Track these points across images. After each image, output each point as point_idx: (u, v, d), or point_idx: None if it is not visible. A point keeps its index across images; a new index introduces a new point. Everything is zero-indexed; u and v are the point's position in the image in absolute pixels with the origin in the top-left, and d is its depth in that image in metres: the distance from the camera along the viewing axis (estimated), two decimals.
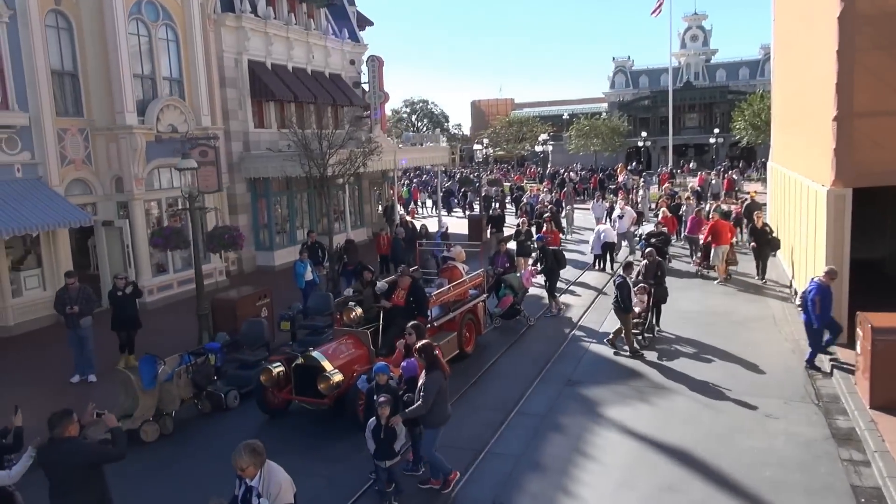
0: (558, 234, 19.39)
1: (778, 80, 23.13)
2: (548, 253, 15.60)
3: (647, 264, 14.16)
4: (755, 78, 75.49)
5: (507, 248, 15.95)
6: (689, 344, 13.29)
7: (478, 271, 13.69)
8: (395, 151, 24.87)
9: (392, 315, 10.88)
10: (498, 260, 15.49)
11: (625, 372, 12.03)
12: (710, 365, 12.09)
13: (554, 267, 15.55)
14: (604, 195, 29.95)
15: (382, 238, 20.58)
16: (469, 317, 12.77)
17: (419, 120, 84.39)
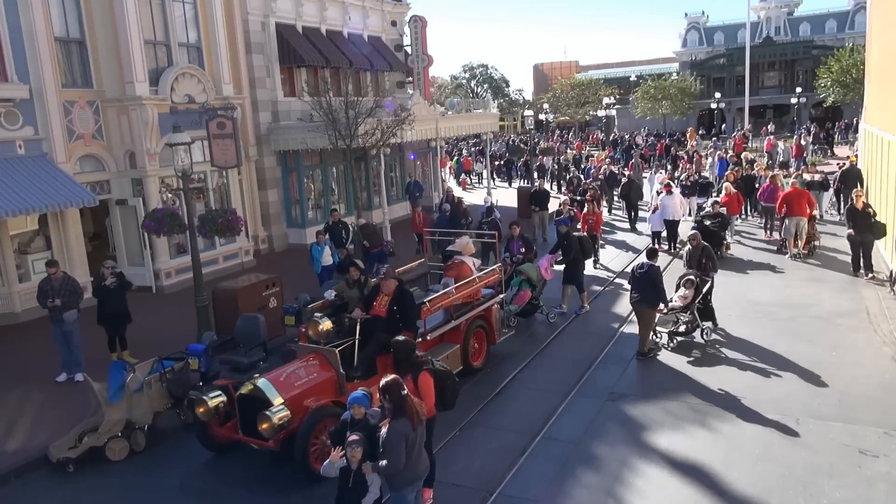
0: (601, 215, 16.88)
1: (877, 28, 19.86)
2: (571, 240, 13.07)
3: (691, 250, 12.08)
4: (843, 31, 69.14)
5: (521, 233, 13.78)
6: (760, 347, 11.08)
7: (492, 266, 11.41)
8: (436, 119, 22.99)
9: (371, 328, 8.66)
10: (513, 247, 13.33)
11: (681, 383, 10.02)
12: (786, 377, 9.91)
13: (579, 257, 13.19)
14: (667, 165, 27.13)
15: (418, 215, 18.89)
16: (479, 323, 10.55)
17: (479, 85, 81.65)
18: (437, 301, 9.49)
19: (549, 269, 12.94)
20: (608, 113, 51.90)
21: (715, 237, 14.95)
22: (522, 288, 12.34)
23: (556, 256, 13.17)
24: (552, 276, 13.17)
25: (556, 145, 41.35)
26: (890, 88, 16.02)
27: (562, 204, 16.62)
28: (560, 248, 13.23)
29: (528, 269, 12.51)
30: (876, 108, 18.73)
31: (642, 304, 10.81)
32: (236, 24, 19.46)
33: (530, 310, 12.62)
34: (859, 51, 47.68)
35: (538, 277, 12.54)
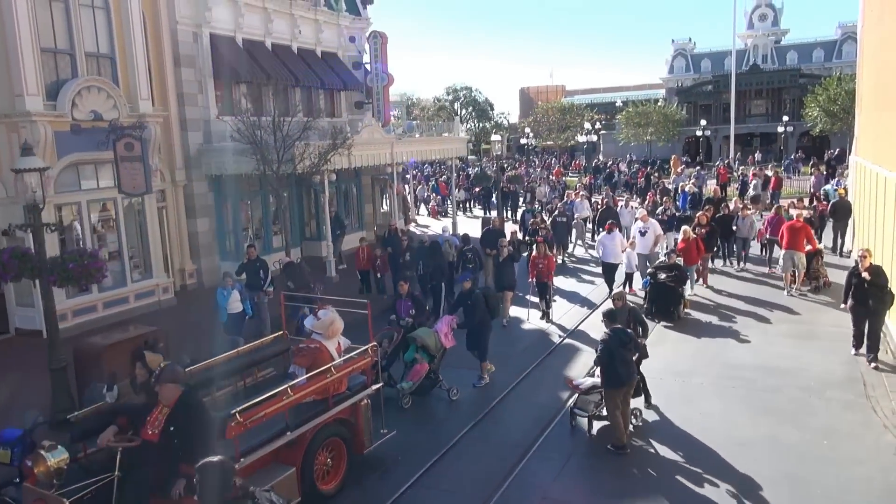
0: (552, 260, 14.59)
1: (870, 52, 18.17)
2: (476, 299, 10.69)
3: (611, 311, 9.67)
4: (831, 60, 68.31)
5: (412, 291, 11.43)
6: (734, 432, 9.00)
7: (362, 347, 8.22)
8: (391, 143, 21.04)
9: (138, 460, 5.90)
10: (401, 307, 10.93)
11: (635, 487, 7.92)
12: (765, 480, 7.80)
13: (485, 319, 10.88)
14: (645, 196, 25.10)
15: (362, 251, 16.79)
16: (333, 430, 7.59)
17: (463, 107, 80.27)
18: (257, 411, 6.54)
19: (450, 333, 10.44)
20: (590, 138, 50.21)
21: (672, 294, 12.99)
22: (416, 359, 10.05)
23: (457, 318, 10.80)
24: (453, 343, 10.60)
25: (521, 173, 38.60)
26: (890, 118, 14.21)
27: (500, 245, 14.31)
28: (462, 307, 10.90)
29: (424, 335, 10.14)
30: (871, 139, 16.90)
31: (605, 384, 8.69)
32: (163, 33, 17.49)
33: (428, 385, 10.22)
34: (847, 80, 46.66)
35: (436, 345, 10.17)
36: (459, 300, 11.14)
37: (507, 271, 13.94)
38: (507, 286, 13.91)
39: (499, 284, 13.89)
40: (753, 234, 18.08)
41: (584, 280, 18.22)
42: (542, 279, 13.90)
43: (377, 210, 26.89)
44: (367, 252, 16.58)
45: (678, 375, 11.04)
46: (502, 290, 13.83)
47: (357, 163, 19.68)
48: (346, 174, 23.07)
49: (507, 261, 13.88)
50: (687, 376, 11.01)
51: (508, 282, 13.93)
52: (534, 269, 14.06)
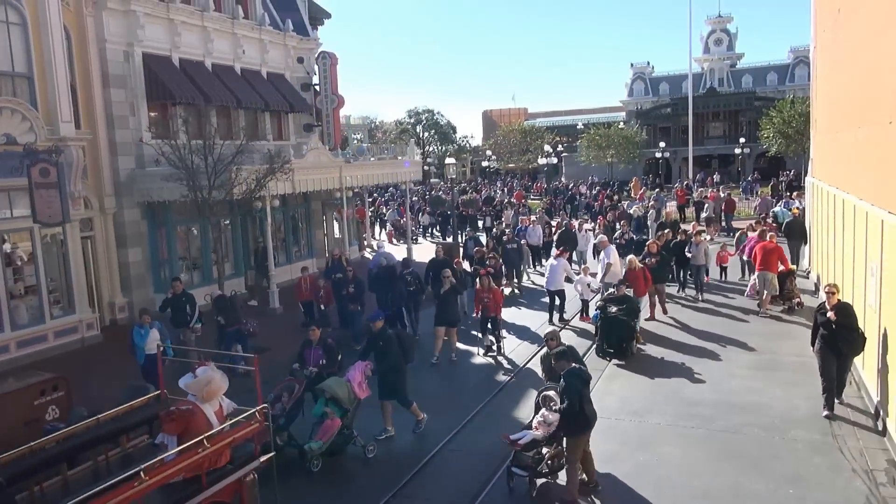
0: (500, 294, 13.57)
1: (823, 74, 17.96)
2: (388, 340, 9.52)
3: (547, 356, 8.77)
4: (784, 84, 69.96)
5: (324, 336, 10.18)
6: (693, 482, 8.20)
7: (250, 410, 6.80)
8: (340, 167, 20.15)
9: None
10: (309, 355, 9.70)
11: None
12: None
13: (399, 363, 9.62)
14: (607, 218, 24.47)
15: (304, 281, 15.77)
16: None
17: (425, 130, 79.99)
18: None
19: (364, 382, 9.21)
20: (551, 161, 50.08)
21: (624, 328, 11.99)
22: (326, 414, 8.83)
23: (371, 364, 9.55)
24: (368, 393, 9.32)
25: (478, 196, 37.85)
26: (846, 140, 13.84)
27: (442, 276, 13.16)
28: (373, 352, 9.73)
29: (335, 385, 8.88)
30: (827, 161, 16.58)
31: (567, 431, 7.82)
32: (90, 52, 16.42)
33: (341, 443, 8.97)
34: (799, 102, 47.50)
35: (349, 396, 8.94)
36: (370, 343, 9.80)
37: (448, 305, 12.97)
38: (449, 321, 12.90)
39: (439, 319, 12.93)
40: (709, 260, 17.41)
41: (537, 310, 17.42)
42: (489, 314, 13.03)
43: (331, 236, 25.94)
44: (310, 282, 15.58)
45: (634, 415, 10.26)
46: (443, 324, 12.86)
47: (302, 188, 18.79)
48: (294, 199, 22.16)
49: (448, 294, 12.96)
50: (643, 416, 10.24)
51: (450, 317, 12.96)
52: (478, 303, 13.17)
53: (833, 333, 9.56)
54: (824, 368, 9.77)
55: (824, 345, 9.69)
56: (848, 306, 9.76)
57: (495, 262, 15.60)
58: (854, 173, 12.24)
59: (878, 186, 10.07)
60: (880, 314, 9.66)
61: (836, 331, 9.53)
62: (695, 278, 17.35)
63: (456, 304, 13.23)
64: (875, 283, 10.04)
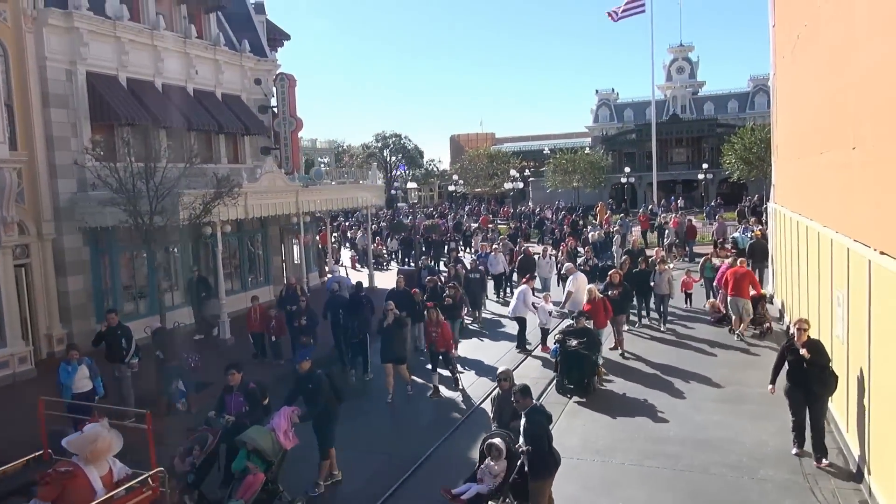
0: (448, 327, 12.56)
1: (784, 100, 17.95)
2: (318, 382, 8.59)
3: (500, 395, 8.10)
4: (745, 111, 71.59)
5: (245, 380, 8.91)
6: None
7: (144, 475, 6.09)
8: (296, 192, 19.47)
9: None
10: (229, 402, 8.66)
11: None
12: None
13: (331, 408, 8.77)
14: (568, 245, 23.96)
15: (254, 311, 14.95)
16: None
17: (392, 155, 79.62)
18: None
19: (291, 430, 8.23)
20: (517, 185, 50.04)
21: (585, 363, 11.25)
22: (247, 469, 7.77)
23: (298, 410, 8.56)
24: (296, 442, 8.36)
25: (440, 222, 37.17)
26: (807, 165, 13.67)
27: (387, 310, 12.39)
28: (302, 395, 8.78)
29: (257, 435, 7.90)
30: (790, 187, 16.43)
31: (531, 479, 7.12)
32: (29, 70, 15.57)
33: (266, 500, 7.93)
34: (759, 129, 48.43)
35: (274, 447, 7.97)
36: (298, 386, 8.81)
37: (393, 340, 12.04)
38: (395, 358, 12.06)
39: (384, 355, 12.12)
40: (672, 290, 16.96)
41: (498, 341, 16.76)
42: (437, 349, 12.22)
43: (290, 262, 25.10)
44: (261, 312, 14.78)
45: (597, 455, 9.69)
46: (388, 361, 12.05)
47: (255, 213, 18.03)
48: (250, 224, 21.37)
49: (392, 328, 12.09)
50: (607, 455, 9.68)
51: (396, 353, 12.07)
52: (427, 338, 12.40)
53: (804, 373, 8.82)
54: (795, 410, 9.16)
55: (794, 385, 9.00)
56: (820, 344, 9.03)
57: (455, 293, 14.76)
58: (817, 199, 12.02)
59: (842, 213, 9.79)
60: (848, 346, 9.31)
61: (808, 370, 8.78)
62: (658, 308, 16.87)
63: (402, 339, 12.41)
64: (842, 314, 9.70)
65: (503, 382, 8.08)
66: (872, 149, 7.94)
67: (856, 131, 8.79)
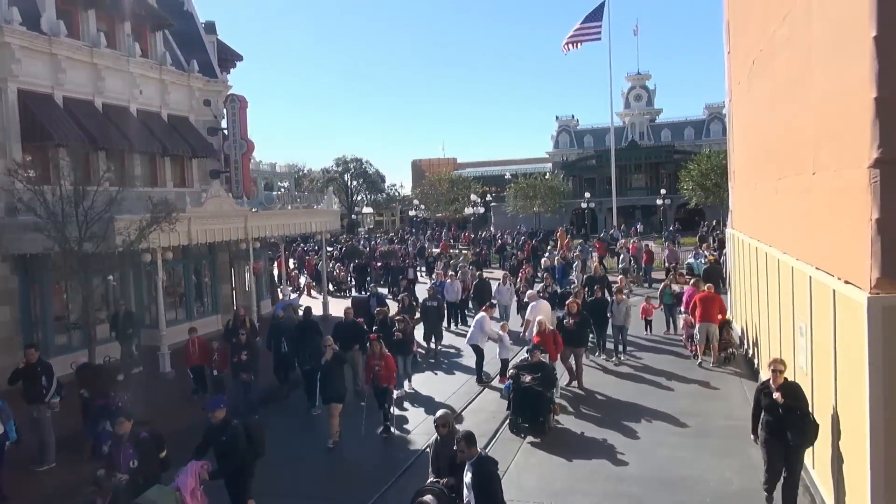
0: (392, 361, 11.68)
1: (739, 125, 17.93)
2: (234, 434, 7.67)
3: (439, 442, 7.34)
4: (701, 138, 73.05)
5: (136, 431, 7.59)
6: None
7: None
8: (245, 217, 18.65)
9: None
10: (119, 456, 7.36)
11: None
12: None
13: (247, 464, 7.83)
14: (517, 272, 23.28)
15: (192, 344, 14.03)
16: None
17: (353, 179, 79.00)
18: None
19: (199, 489, 7.27)
20: (477, 210, 49.80)
21: (539, 401, 10.35)
22: None
23: (207, 465, 7.62)
24: (205, 502, 7.44)
25: (398, 248, 36.42)
26: (764, 189, 13.48)
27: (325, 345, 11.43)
28: (214, 448, 7.81)
29: (158, 497, 6.89)
30: (747, 212, 16.28)
31: None
32: None
33: None
34: (715, 156, 49.35)
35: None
36: (209, 437, 7.81)
37: (333, 378, 11.07)
38: (333, 397, 11.11)
39: (323, 394, 11.22)
40: (629, 321, 16.31)
41: (455, 373, 16.01)
42: (381, 384, 11.32)
43: (242, 290, 24.10)
44: (200, 344, 13.86)
45: (555, 498, 9.08)
46: (329, 401, 11.11)
47: (201, 239, 17.15)
48: (196, 251, 20.41)
49: (331, 365, 11.10)
50: (566, 498, 9.08)
51: (335, 391, 11.07)
52: (369, 372, 11.50)
53: (779, 419, 7.92)
54: (770, 462, 8.12)
55: (770, 434, 8.04)
56: (797, 387, 8.16)
57: (405, 326, 13.79)
58: (776, 226, 11.77)
59: (802, 240, 9.50)
60: (812, 379, 8.94)
61: (785, 417, 7.88)
62: (616, 339, 16.23)
63: (342, 376, 11.40)
64: (805, 344, 9.36)
65: (441, 428, 7.28)
66: (835, 174, 7.64)
67: (816, 156, 8.51)
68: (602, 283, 17.59)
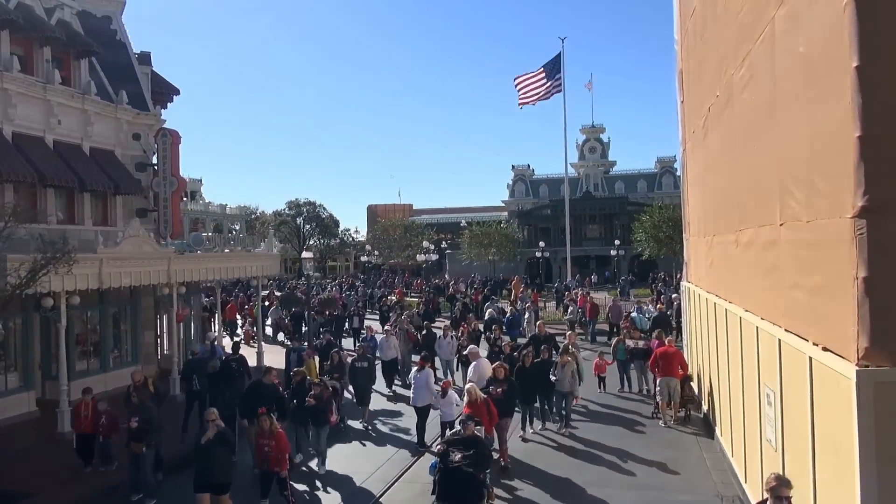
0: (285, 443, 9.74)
1: (693, 176, 17.33)
2: None
3: None
4: (653, 191, 74.09)
5: None
6: None
7: None
8: (168, 259, 17.06)
9: None
10: None
11: None
12: None
13: None
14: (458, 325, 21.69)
15: (84, 406, 12.14)
16: None
17: (307, 223, 77.33)
18: None
19: None
20: (430, 257, 48.77)
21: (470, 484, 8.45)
22: None
23: None
24: None
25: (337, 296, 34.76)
26: (726, 241, 12.68)
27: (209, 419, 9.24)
28: None
29: None
30: (704, 265, 15.47)
31: None
32: None
33: None
34: (667, 209, 49.71)
35: None
36: None
37: (214, 460, 9.01)
38: (214, 484, 8.94)
39: (199, 481, 9.03)
40: (576, 387, 14.66)
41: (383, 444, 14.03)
42: (271, 468, 9.50)
43: (171, 338, 22.22)
44: (93, 407, 12.05)
45: None
46: (204, 489, 8.97)
47: (114, 282, 15.50)
48: (115, 295, 18.64)
49: (213, 445, 8.93)
50: None
51: (216, 477, 9.01)
52: (258, 454, 9.66)
53: None
54: None
55: None
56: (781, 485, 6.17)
57: (322, 392, 11.60)
58: (737, 281, 10.87)
59: (767, 298, 8.55)
60: (783, 455, 7.88)
61: None
62: (559, 407, 14.34)
63: (227, 460, 9.35)
64: (774, 415, 8.33)
65: None
66: (807, 225, 6.71)
67: (783, 205, 7.62)
68: (548, 343, 15.78)
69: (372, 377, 15.38)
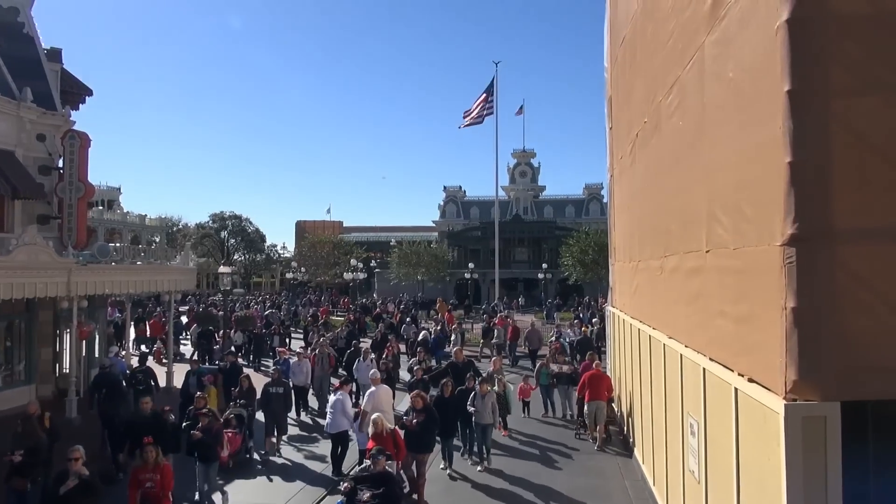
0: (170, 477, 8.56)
1: (621, 202, 17.44)
2: None
3: None
4: (580, 216, 75.70)
5: None
6: None
7: None
8: (69, 271, 15.76)
9: None
10: None
11: None
12: None
13: None
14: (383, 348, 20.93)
15: None
16: None
17: (232, 237, 74.94)
18: None
19: None
20: (357, 275, 47.91)
21: None
22: None
23: None
24: None
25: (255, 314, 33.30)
26: (650, 268, 12.66)
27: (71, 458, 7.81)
28: None
29: None
30: (628, 292, 15.49)
31: None
32: None
33: None
34: (594, 235, 50.81)
35: None
36: None
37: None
38: None
39: None
40: (496, 419, 13.56)
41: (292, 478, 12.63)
42: None
43: (73, 356, 20.58)
44: None
45: None
46: None
47: (4, 294, 14.16)
48: (8, 308, 17.09)
49: (73, 496, 7.51)
50: None
51: None
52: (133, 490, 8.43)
53: None
54: None
55: None
56: None
57: (210, 424, 10.25)
58: (662, 307, 10.79)
59: (692, 326, 8.42)
60: (707, 487, 7.70)
61: None
62: (479, 441, 13.20)
63: None
64: (697, 446, 8.16)
65: None
66: (734, 252, 6.58)
67: (709, 231, 7.51)
68: (467, 370, 14.74)
69: (287, 404, 14.35)
